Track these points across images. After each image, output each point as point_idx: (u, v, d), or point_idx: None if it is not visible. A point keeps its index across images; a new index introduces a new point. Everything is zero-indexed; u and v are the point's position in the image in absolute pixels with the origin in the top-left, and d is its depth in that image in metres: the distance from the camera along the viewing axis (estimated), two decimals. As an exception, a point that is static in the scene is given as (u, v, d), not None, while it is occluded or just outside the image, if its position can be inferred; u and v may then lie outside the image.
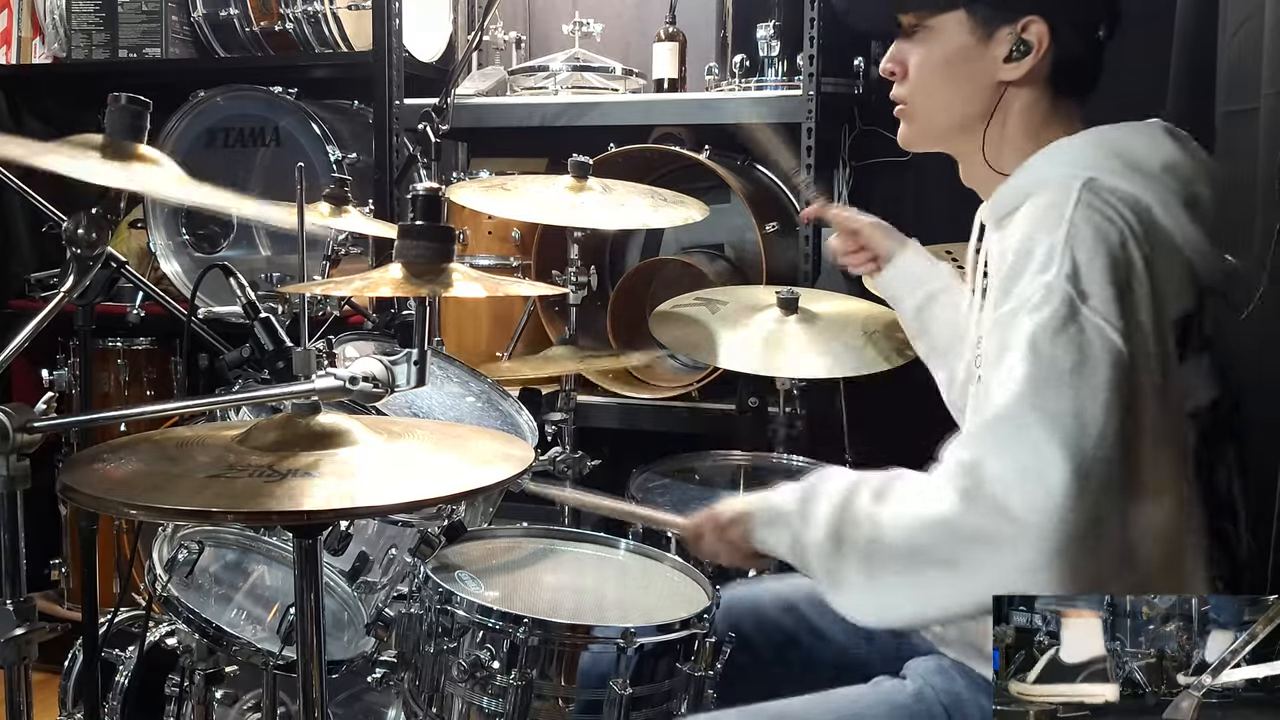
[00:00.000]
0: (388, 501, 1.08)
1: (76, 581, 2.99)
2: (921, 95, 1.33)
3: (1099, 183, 1.15)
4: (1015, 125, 1.28)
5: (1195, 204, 1.19)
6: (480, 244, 2.68)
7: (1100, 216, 1.12)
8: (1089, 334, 1.08)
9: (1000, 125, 1.29)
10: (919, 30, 1.30)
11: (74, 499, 1.03)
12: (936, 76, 1.31)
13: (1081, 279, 1.09)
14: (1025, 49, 1.25)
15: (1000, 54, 1.26)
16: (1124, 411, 1.07)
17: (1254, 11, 1.60)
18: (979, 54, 1.27)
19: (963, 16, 1.26)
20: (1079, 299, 1.08)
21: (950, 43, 1.28)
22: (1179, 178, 1.19)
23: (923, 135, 1.36)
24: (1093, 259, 1.10)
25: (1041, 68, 1.26)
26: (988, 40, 1.26)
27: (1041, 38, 1.24)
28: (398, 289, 1.24)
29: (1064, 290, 1.09)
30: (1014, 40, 1.25)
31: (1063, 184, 1.16)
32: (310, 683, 1.15)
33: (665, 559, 1.69)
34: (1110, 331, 1.08)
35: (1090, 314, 1.08)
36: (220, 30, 2.97)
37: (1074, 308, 1.08)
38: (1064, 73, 1.27)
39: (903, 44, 1.33)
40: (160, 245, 2.89)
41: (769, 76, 2.54)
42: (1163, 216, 1.16)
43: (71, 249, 1.30)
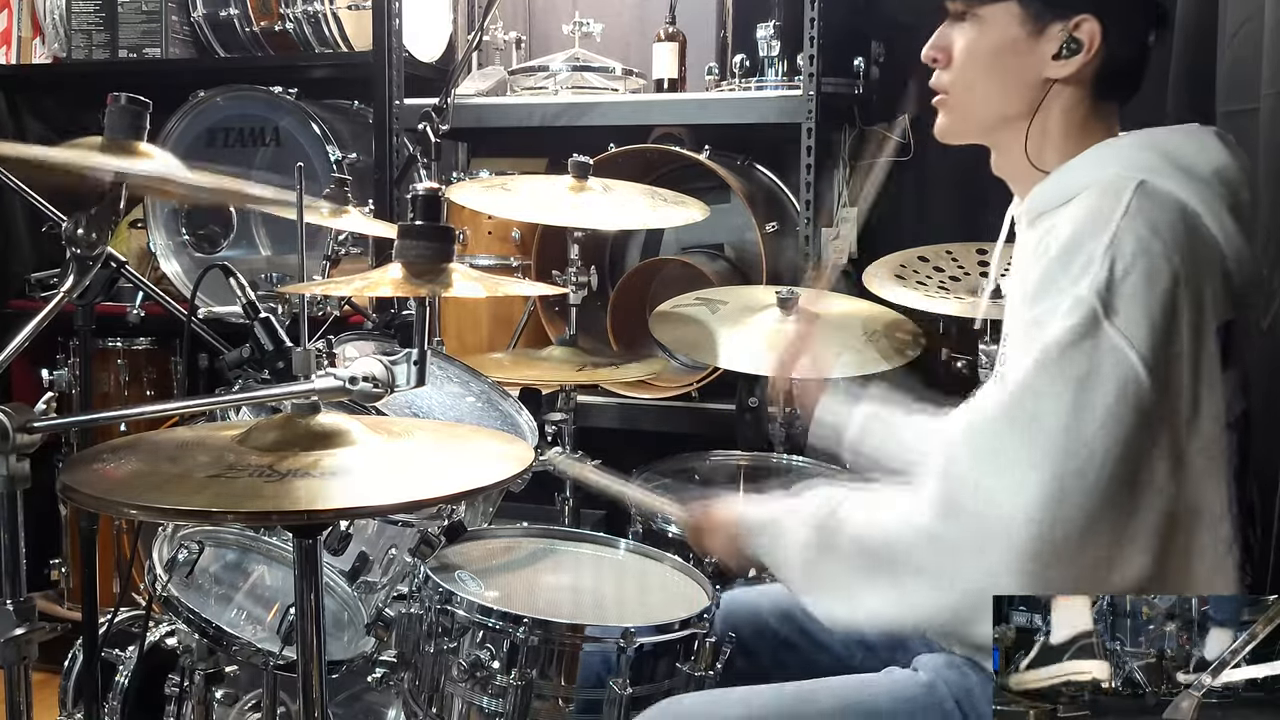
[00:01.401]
0: (388, 501, 1.08)
1: (76, 581, 2.99)
2: (963, 85, 1.30)
3: (1151, 186, 1.14)
4: (1057, 123, 1.26)
5: (1240, 211, 1.18)
6: (480, 244, 2.68)
7: (1147, 228, 1.10)
8: (1103, 351, 1.07)
9: (1043, 122, 1.26)
10: (968, 18, 1.27)
11: (74, 499, 1.03)
12: (982, 67, 1.28)
13: (1113, 293, 1.08)
14: (1076, 47, 1.22)
15: (1050, 50, 1.23)
16: (1127, 433, 1.07)
17: (1254, 12, 1.60)
18: (1028, 48, 1.24)
19: (1015, 8, 1.24)
20: (1104, 312, 1.08)
21: (1000, 33, 1.25)
22: (1227, 183, 1.18)
23: (962, 127, 1.33)
24: (1128, 274, 1.09)
25: (1089, 68, 1.23)
26: (1038, 35, 1.24)
27: (1093, 37, 1.22)
28: (398, 289, 1.24)
29: (1091, 303, 1.08)
30: (1065, 37, 1.22)
31: (1113, 186, 1.14)
32: (310, 683, 1.15)
33: (665, 559, 1.69)
34: (1129, 352, 1.07)
35: (1112, 331, 1.08)
36: (220, 30, 2.96)
37: (1097, 321, 1.08)
38: (1110, 75, 1.25)
39: (948, 30, 1.29)
40: (160, 245, 2.89)
41: (769, 76, 2.54)
42: (1210, 223, 1.15)
43: (71, 249, 1.30)
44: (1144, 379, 1.07)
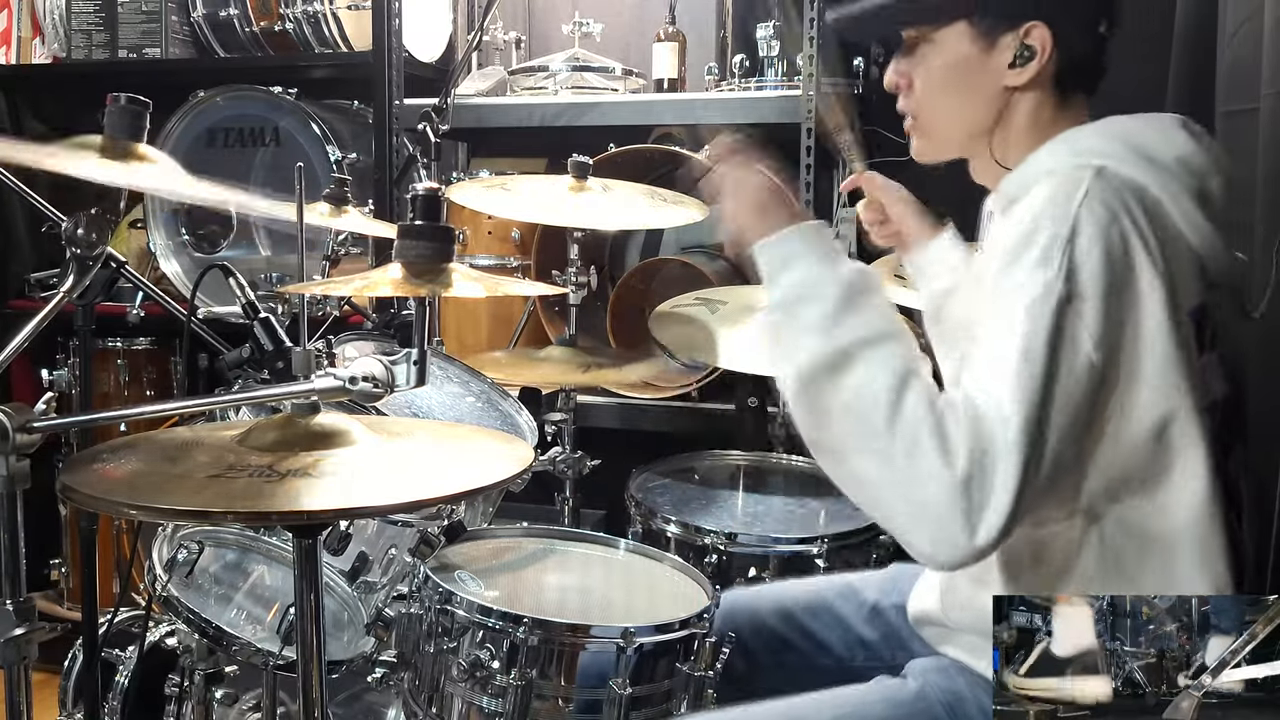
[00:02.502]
0: (388, 501, 1.08)
1: (76, 581, 3.00)
2: (929, 108, 1.32)
3: (1109, 171, 1.15)
4: (1022, 125, 1.28)
5: (1206, 198, 1.19)
6: (480, 244, 2.68)
7: (1105, 211, 1.12)
8: (1068, 335, 1.09)
9: (1006, 128, 1.28)
10: (921, 44, 1.29)
11: (74, 499, 1.03)
12: (942, 88, 1.30)
13: (1076, 279, 1.09)
14: (1029, 54, 1.24)
15: (1004, 61, 1.25)
16: (1080, 414, 1.09)
17: (1254, 12, 1.60)
18: (983, 63, 1.26)
19: (964, 28, 1.26)
20: (1067, 300, 1.09)
21: (954, 54, 1.27)
22: (1191, 171, 1.19)
23: (937, 147, 1.35)
24: (1087, 258, 1.10)
25: (1047, 70, 1.25)
26: (991, 49, 1.25)
27: (1044, 42, 1.23)
28: (398, 289, 1.24)
29: (1059, 290, 1.09)
30: (1017, 46, 1.24)
31: (1073, 172, 1.16)
32: (310, 683, 1.15)
33: (665, 559, 1.69)
34: (1085, 337, 1.09)
35: (1074, 316, 1.09)
36: (220, 30, 2.96)
37: (1063, 308, 1.09)
38: (1070, 72, 1.26)
39: (907, 58, 1.32)
40: (160, 245, 2.89)
41: (769, 77, 2.54)
42: (1172, 210, 1.16)
43: (71, 249, 1.30)
44: (1099, 364, 1.09)
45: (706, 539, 1.84)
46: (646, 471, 2.14)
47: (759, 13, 2.56)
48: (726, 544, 1.83)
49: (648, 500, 1.99)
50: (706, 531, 1.85)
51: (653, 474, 2.14)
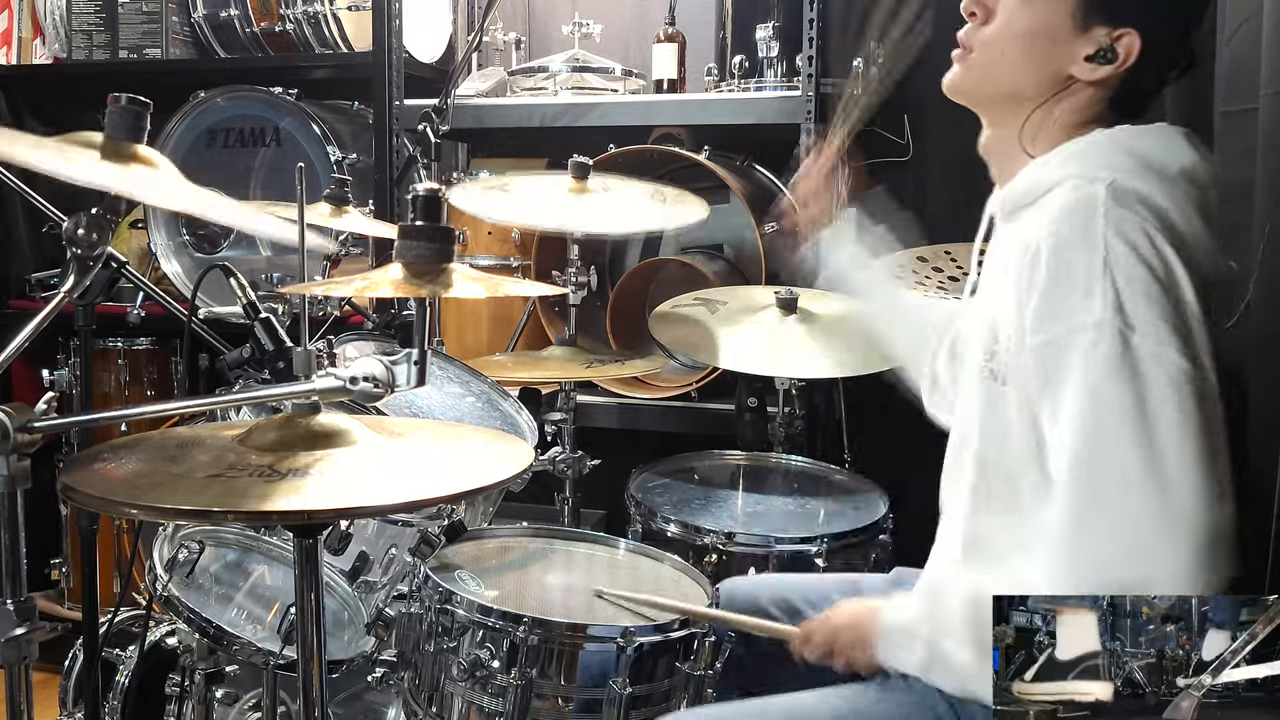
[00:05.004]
0: (388, 501, 1.08)
1: (76, 581, 3.00)
2: (992, 50, 1.28)
3: (1120, 186, 1.14)
4: (1061, 119, 1.26)
5: (1207, 209, 1.19)
6: (480, 244, 2.68)
7: (1131, 228, 1.11)
8: (1145, 364, 1.07)
9: (1048, 112, 1.27)
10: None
11: (74, 499, 1.03)
12: (1016, 41, 1.26)
13: (1125, 309, 1.09)
14: (1110, 57, 1.22)
15: (1085, 50, 1.23)
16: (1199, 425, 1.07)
17: (1253, 12, 1.60)
18: (1068, 41, 1.24)
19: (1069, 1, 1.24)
20: (1129, 331, 1.08)
21: (1047, 16, 1.24)
22: (1196, 183, 1.19)
23: (973, 88, 1.32)
24: (1131, 281, 1.09)
25: (1115, 79, 1.24)
26: (1081, 33, 1.23)
27: (1130, 51, 1.22)
28: (398, 289, 1.24)
29: (1114, 325, 1.08)
30: (1105, 44, 1.22)
31: (1082, 187, 1.15)
32: (310, 682, 1.15)
33: (665, 559, 1.69)
34: (1167, 351, 1.08)
35: (1141, 342, 1.08)
36: (220, 31, 2.97)
37: (1126, 341, 1.08)
38: (1127, 93, 1.25)
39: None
40: (160, 245, 2.89)
41: (768, 77, 2.54)
42: (1179, 221, 1.15)
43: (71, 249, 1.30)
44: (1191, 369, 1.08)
45: (706, 539, 1.84)
46: (646, 471, 2.14)
47: (759, 13, 2.56)
48: (726, 544, 1.83)
49: (648, 500, 1.99)
50: (706, 531, 1.85)
51: (653, 474, 2.14)
